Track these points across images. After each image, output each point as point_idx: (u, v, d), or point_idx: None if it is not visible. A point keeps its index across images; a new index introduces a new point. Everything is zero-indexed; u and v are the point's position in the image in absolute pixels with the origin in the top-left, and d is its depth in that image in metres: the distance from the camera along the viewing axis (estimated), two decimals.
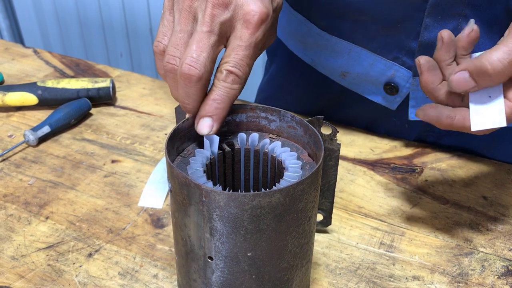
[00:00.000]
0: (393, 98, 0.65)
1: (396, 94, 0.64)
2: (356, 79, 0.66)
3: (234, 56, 0.41)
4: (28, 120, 0.73)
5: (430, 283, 0.49)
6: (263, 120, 0.46)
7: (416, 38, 0.59)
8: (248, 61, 0.42)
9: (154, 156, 0.66)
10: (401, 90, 0.63)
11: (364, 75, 0.65)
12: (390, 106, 0.66)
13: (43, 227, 0.55)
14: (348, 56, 0.65)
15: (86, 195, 0.59)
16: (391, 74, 0.62)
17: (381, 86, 0.64)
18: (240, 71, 0.42)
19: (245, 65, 0.42)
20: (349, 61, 0.65)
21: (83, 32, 1.85)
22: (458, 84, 0.43)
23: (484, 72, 0.41)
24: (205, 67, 0.41)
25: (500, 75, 0.41)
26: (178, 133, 0.43)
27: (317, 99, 0.75)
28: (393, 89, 0.64)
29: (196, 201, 0.37)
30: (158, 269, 0.50)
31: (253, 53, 0.42)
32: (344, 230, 0.55)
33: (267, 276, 0.40)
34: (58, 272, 0.50)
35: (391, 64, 0.62)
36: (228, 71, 0.41)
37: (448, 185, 0.62)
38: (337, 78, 0.68)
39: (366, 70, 0.64)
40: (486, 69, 0.41)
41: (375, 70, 0.63)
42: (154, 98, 0.79)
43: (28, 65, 0.87)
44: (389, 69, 0.62)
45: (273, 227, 0.38)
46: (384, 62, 0.62)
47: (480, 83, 0.42)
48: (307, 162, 0.44)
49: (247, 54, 0.42)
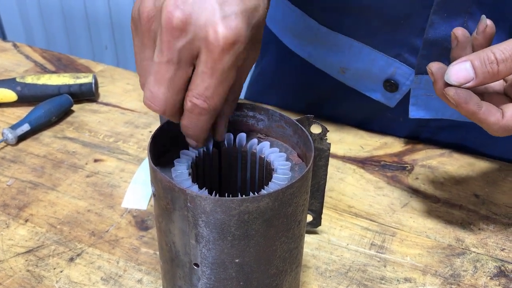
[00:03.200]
0: (393, 95, 0.63)
1: (396, 91, 0.63)
2: (356, 75, 0.65)
3: (199, 85, 0.36)
4: (7, 118, 0.70)
5: (422, 285, 0.48)
6: (251, 119, 0.44)
7: (420, 35, 0.57)
8: (217, 90, 0.36)
9: (138, 154, 0.64)
10: (401, 87, 0.62)
11: (364, 71, 0.63)
12: (389, 103, 0.64)
13: (22, 230, 0.53)
14: (349, 51, 0.63)
15: (68, 196, 0.57)
16: (392, 71, 0.61)
17: (380, 83, 0.63)
18: (206, 102, 0.36)
19: (212, 95, 0.36)
20: (349, 57, 0.63)
21: (67, 24, 1.81)
22: (457, 75, 0.41)
23: (486, 61, 0.39)
24: (165, 101, 0.36)
25: (504, 67, 0.39)
26: (162, 134, 0.41)
27: (310, 94, 0.73)
28: (393, 86, 0.62)
29: (181, 207, 0.35)
30: (143, 273, 0.48)
31: (222, 79, 0.36)
32: (334, 231, 0.54)
33: (255, 282, 0.39)
34: (37, 278, 0.48)
35: (393, 61, 0.61)
36: (192, 104, 0.36)
37: (439, 183, 0.60)
38: (336, 74, 0.67)
39: (367, 66, 0.62)
40: (489, 57, 0.39)
41: (376, 66, 0.62)
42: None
43: (7, 60, 0.85)
44: (390, 66, 0.61)
45: (262, 232, 0.36)
46: (385, 58, 0.61)
47: (479, 76, 0.40)
48: (297, 163, 0.42)
49: (215, 82, 0.36)
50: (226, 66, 0.35)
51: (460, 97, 0.41)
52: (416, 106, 0.63)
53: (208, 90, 0.36)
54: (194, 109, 0.37)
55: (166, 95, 0.36)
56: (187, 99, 0.37)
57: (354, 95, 0.67)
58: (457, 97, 0.41)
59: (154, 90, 0.36)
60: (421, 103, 0.62)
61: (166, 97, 0.36)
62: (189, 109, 0.37)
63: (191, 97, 0.36)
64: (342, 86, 0.68)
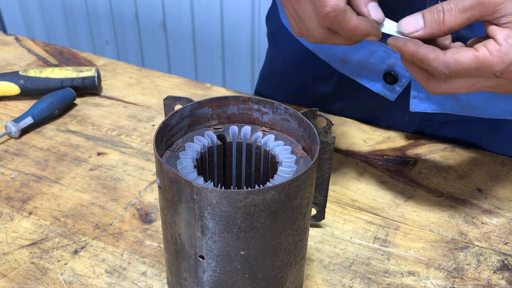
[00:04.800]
0: (392, 88, 0.63)
1: (396, 83, 0.63)
2: (356, 66, 0.65)
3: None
4: (10, 111, 0.70)
5: (425, 278, 0.48)
6: (256, 113, 0.44)
7: None
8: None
9: (141, 148, 0.64)
10: (401, 79, 0.62)
11: (364, 62, 0.63)
12: (390, 96, 0.64)
13: (26, 223, 0.53)
14: None
15: (71, 189, 0.57)
16: (391, 62, 0.61)
17: (380, 74, 0.63)
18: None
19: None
20: (349, 47, 0.63)
21: (67, 18, 1.80)
22: (407, 24, 0.42)
23: (434, 10, 0.41)
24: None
25: (449, 16, 0.41)
26: (167, 126, 0.41)
27: (318, 87, 0.73)
28: (393, 78, 0.62)
29: (187, 199, 0.35)
30: (147, 266, 0.49)
31: None
32: (338, 224, 0.54)
33: (260, 274, 0.39)
34: (42, 270, 0.48)
35: (391, 51, 0.61)
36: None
37: (442, 177, 0.61)
38: (338, 65, 0.67)
39: (366, 57, 0.63)
40: (436, 7, 0.41)
41: (375, 57, 0.62)
42: (140, 88, 0.76)
43: (9, 53, 0.84)
44: (389, 56, 0.61)
45: (267, 225, 0.36)
46: (384, 49, 0.61)
47: (427, 24, 0.42)
48: (301, 156, 0.42)
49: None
50: None
51: (398, 41, 0.43)
52: (417, 99, 0.63)
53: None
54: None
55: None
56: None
57: (359, 89, 0.67)
58: (395, 41, 0.43)
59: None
60: (423, 96, 0.62)
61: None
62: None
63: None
64: (347, 80, 0.68)
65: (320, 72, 0.71)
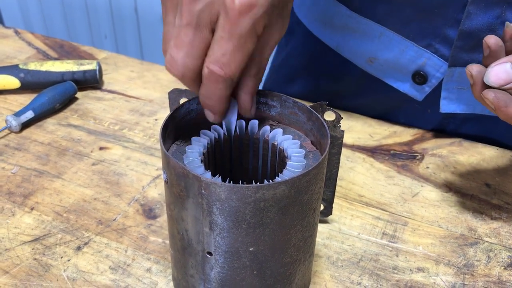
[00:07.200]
0: (421, 88, 0.62)
1: (425, 84, 0.61)
2: (384, 65, 0.63)
3: (216, 51, 0.35)
4: (10, 105, 0.69)
5: (435, 275, 0.47)
6: (263, 106, 0.43)
7: (453, 26, 0.56)
8: (234, 56, 0.35)
9: (144, 142, 0.63)
10: (430, 79, 0.60)
11: (393, 62, 0.62)
12: (417, 96, 0.63)
13: (28, 218, 0.52)
14: (378, 40, 0.61)
15: (73, 184, 0.56)
16: (422, 62, 0.59)
17: (409, 74, 0.62)
18: (222, 69, 0.36)
19: (228, 62, 0.35)
20: (378, 46, 0.62)
21: (65, 12, 1.79)
22: (497, 76, 0.40)
23: None
24: (184, 66, 0.36)
25: None
26: (173, 120, 0.40)
27: (334, 84, 0.72)
28: (422, 78, 0.61)
29: (195, 194, 0.35)
30: (152, 262, 0.48)
31: (240, 45, 0.35)
32: (345, 220, 0.53)
33: (269, 271, 0.38)
34: (45, 266, 0.47)
35: (423, 51, 0.59)
36: (209, 70, 0.36)
37: (450, 172, 0.60)
38: (363, 64, 0.65)
39: (396, 56, 0.61)
40: None
41: (406, 57, 0.60)
42: (142, 82, 0.75)
43: (9, 46, 0.83)
44: (421, 56, 0.59)
45: (277, 220, 0.35)
46: (415, 49, 0.59)
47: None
48: (311, 150, 0.41)
49: (232, 48, 0.35)
50: (243, 30, 0.35)
51: (500, 100, 0.41)
52: (447, 100, 0.61)
53: (224, 56, 0.35)
54: (211, 76, 0.36)
55: (184, 59, 0.36)
56: (204, 66, 0.36)
57: (379, 86, 0.66)
58: (497, 100, 0.41)
59: (174, 53, 0.36)
60: (453, 97, 0.60)
61: (184, 61, 0.36)
62: (206, 75, 0.36)
63: (208, 63, 0.36)
64: (367, 77, 0.66)
65: (338, 70, 0.69)
